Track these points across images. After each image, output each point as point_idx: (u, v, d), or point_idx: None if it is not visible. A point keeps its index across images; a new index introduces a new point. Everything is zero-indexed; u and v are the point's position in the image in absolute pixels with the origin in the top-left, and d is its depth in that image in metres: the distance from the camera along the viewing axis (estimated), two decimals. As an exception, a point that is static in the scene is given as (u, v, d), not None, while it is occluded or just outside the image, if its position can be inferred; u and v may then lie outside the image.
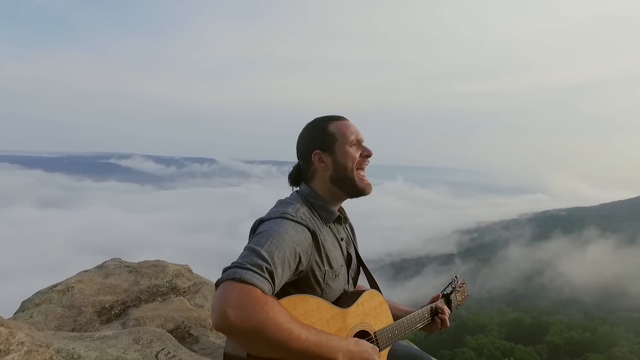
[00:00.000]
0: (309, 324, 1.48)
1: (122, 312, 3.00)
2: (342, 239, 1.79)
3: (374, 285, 1.89)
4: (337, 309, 1.61)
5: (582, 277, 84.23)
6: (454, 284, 2.21)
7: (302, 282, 1.61)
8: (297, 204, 1.66)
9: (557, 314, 61.49)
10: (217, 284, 1.37)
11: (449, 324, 2.00)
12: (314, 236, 1.61)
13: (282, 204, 1.68)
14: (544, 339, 45.30)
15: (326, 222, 1.72)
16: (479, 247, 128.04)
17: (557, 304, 74.67)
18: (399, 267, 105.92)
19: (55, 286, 3.17)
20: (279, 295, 1.49)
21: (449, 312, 2.06)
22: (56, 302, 2.98)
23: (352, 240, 1.91)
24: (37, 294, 3.09)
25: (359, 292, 1.75)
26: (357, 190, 1.77)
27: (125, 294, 3.23)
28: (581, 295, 77.33)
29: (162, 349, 2.23)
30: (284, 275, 1.47)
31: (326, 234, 1.70)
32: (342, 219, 1.81)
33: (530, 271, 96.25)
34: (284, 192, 1.91)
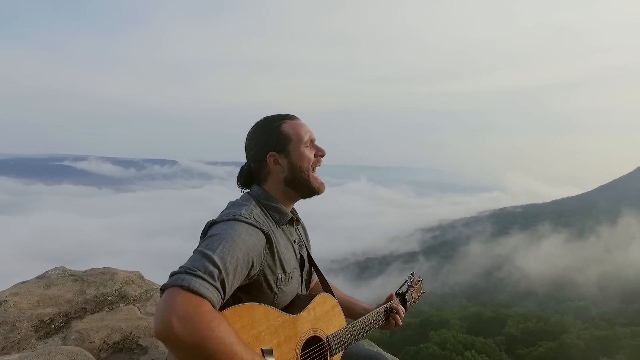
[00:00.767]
0: (256, 333, 1.44)
1: (64, 325, 2.71)
2: (294, 241, 1.75)
3: (327, 288, 1.86)
4: (287, 316, 1.57)
5: (537, 270, 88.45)
6: (409, 282, 2.20)
7: (253, 287, 1.56)
8: (251, 206, 1.60)
9: (514, 306, 64.23)
10: (163, 289, 1.30)
11: (401, 322, 1.98)
12: (268, 239, 1.55)
13: (234, 205, 1.61)
14: (503, 331, 47.12)
15: (279, 224, 1.67)
16: (441, 244, 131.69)
17: (514, 296, 78.01)
18: (364, 266, 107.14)
19: (-15, 300, 2.84)
20: (228, 300, 1.44)
21: (404, 311, 2.02)
22: (-15, 318, 2.66)
23: (305, 242, 1.87)
24: (-37, 310, 2.75)
25: (310, 297, 1.71)
26: (312, 190, 1.73)
27: (68, 305, 2.94)
28: (536, 287, 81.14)
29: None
30: (234, 282, 1.41)
31: (279, 236, 1.65)
32: (294, 220, 1.76)
33: (489, 266, 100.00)
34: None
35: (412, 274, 2.26)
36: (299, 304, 1.68)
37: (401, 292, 2.12)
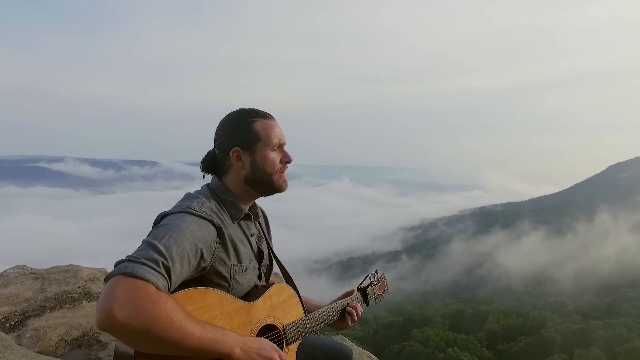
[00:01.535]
0: (208, 318, 1.43)
1: (19, 324, 2.58)
2: (252, 235, 1.74)
3: (290, 281, 1.86)
4: (241, 303, 1.56)
5: (517, 266, 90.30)
6: (372, 278, 2.26)
7: (207, 279, 1.54)
8: (204, 199, 1.58)
9: (494, 303, 65.43)
10: (107, 279, 1.28)
11: (356, 318, 1.99)
12: (219, 231, 1.54)
13: (188, 197, 1.61)
14: (484, 327, 47.94)
15: (234, 219, 1.65)
16: (423, 243, 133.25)
17: (494, 293, 79.39)
18: (347, 266, 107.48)
19: None
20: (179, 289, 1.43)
21: (361, 310, 2.02)
22: None
23: (266, 236, 1.86)
24: None
25: (267, 286, 1.72)
26: (273, 189, 1.71)
27: (26, 304, 2.81)
28: (515, 283, 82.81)
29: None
30: (182, 271, 1.40)
31: (234, 230, 1.64)
32: (251, 216, 1.74)
33: (471, 264, 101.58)
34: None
35: (376, 271, 2.31)
36: (255, 293, 1.67)
37: (363, 286, 2.19)
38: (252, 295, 1.66)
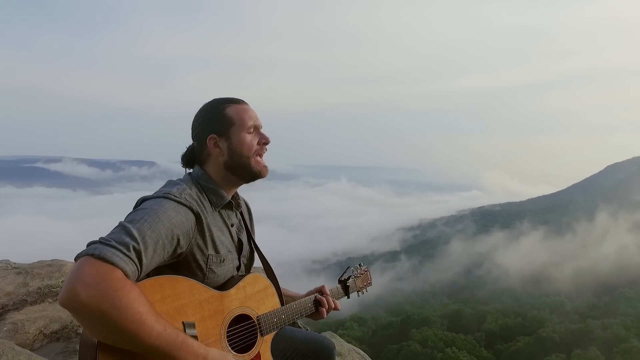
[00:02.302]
0: (177, 306, 1.40)
1: None
2: (232, 225, 1.73)
3: (271, 273, 1.85)
4: (213, 292, 1.53)
5: (516, 266, 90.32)
6: (354, 271, 2.29)
7: (182, 266, 1.53)
8: (185, 185, 1.58)
9: (493, 303, 65.36)
10: (76, 258, 1.27)
11: (327, 307, 1.98)
12: (198, 218, 1.54)
13: (169, 184, 1.61)
14: (482, 327, 47.87)
15: (216, 206, 1.64)
16: (422, 243, 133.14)
17: (493, 293, 79.37)
18: (346, 266, 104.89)
19: None
20: (151, 275, 1.43)
21: (334, 303, 2.03)
22: None
23: (248, 227, 1.86)
24: None
25: (242, 276, 1.70)
26: (253, 174, 1.70)
27: (7, 298, 2.75)
28: (514, 283, 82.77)
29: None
30: (155, 256, 1.38)
31: (214, 218, 1.63)
32: (233, 204, 1.74)
33: (469, 264, 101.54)
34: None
35: (360, 264, 2.35)
36: (230, 283, 1.65)
37: (343, 279, 2.22)
38: (227, 285, 1.64)
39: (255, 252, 1.87)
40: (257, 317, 1.67)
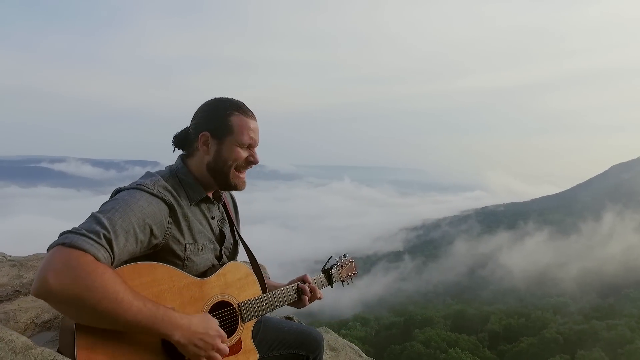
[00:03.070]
0: (156, 292, 1.42)
1: None
2: (213, 217, 1.74)
3: (255, 265, 1.88)
4: (193, 278, 1.55)
5: (520, 267, 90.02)
6: (339, 262, 2.33)
7: (160, 257, 1.54)
8: (160, 177, 1.60)
9: (496, 303, 65.14)
10: (48, 249, 1.30)
11: (309, 295, 2.01)
12: (172, 209, 1.55)
13: (145, 176, 1.63)
14: (485, 328, 47.68)
15: (191, 201, 1.65)
16: (425, 243, 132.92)
17: (496, 294, 79.10)
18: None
19: None
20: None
21: (319, 293, 2.05)
22: None
23: (232, 220, 1.86)
24: None
25: (222, 264, 1.71)
26: (228, 185, 1.71)
27: (1, 289, 2.75)
28: (518, 284, 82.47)
29: None
30: (127, 245, 1.39)
31: (191, 210, 1.64)
32: (211, 199, 1.74)
33: (473, 264, 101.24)
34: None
35: (345, 255, 2.38)
36: (210, 271, 1.67)
37: (326, 268, 2.24)
38: (207, 273, 1.65)
39: (240, 245, 1.87)
40: (238, 304, 1.68)
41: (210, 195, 1.74)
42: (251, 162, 1.71)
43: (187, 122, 1.74)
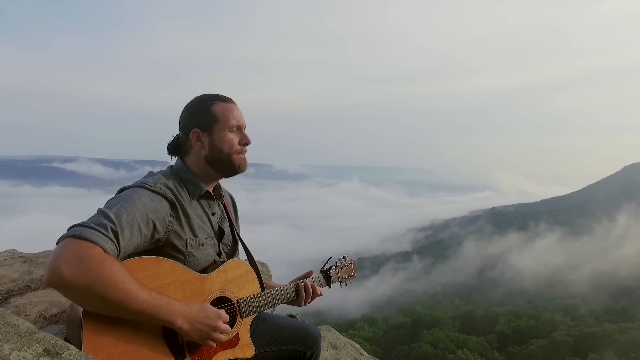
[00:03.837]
0: (159, 285, 1.49)
1: (3, 301, 2.65)
2: (213, 214, 1.81)
3: (253, 263, 1.92)
4: (195, 273, 1.63)
5: (530, 268, 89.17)
6: (338, 263, 2.35)
7: (162, 251, 1.62)
8: (161, 176, 1.68)
9: (505, 305, 64.58)
10: (58, 242, 1.38)
11: (311, 292, 2.04)
12: (173, 206, 1.63)
13: (148, 175, 1.71)
14: (494, 329, 47.27)
15: (193, 196, 1.72)
16: (434, 244, 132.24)
17: (505, 295, 78.44)
18: (357, 267, 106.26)
19: None
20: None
21: (319, 291, 2.10)
22: None
23: (231, 218, 1.92)
24: None
25: (223, 261, 1.78)
26: (233, 169, 1.78)
27: (12, 284, 2.83)
28: (528, 285, 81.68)
29: None
30: (132, 238, 1.48)
31: (192, 207, 1.71)
32: (212, 196, 1.81)
33: (482, 265, 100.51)
34: (240, 194, 1.89)
35: (344, 257, 2.41)
36: (211, 267, 1.73)
37: (325, 269, 2.27)
38: (208, 269, 1.72)
39: (239, 244, 1.92)
40: (237, 300, 1.75)
41: (210, 190, 1.80)
42: (245, 143, 1.78)
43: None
